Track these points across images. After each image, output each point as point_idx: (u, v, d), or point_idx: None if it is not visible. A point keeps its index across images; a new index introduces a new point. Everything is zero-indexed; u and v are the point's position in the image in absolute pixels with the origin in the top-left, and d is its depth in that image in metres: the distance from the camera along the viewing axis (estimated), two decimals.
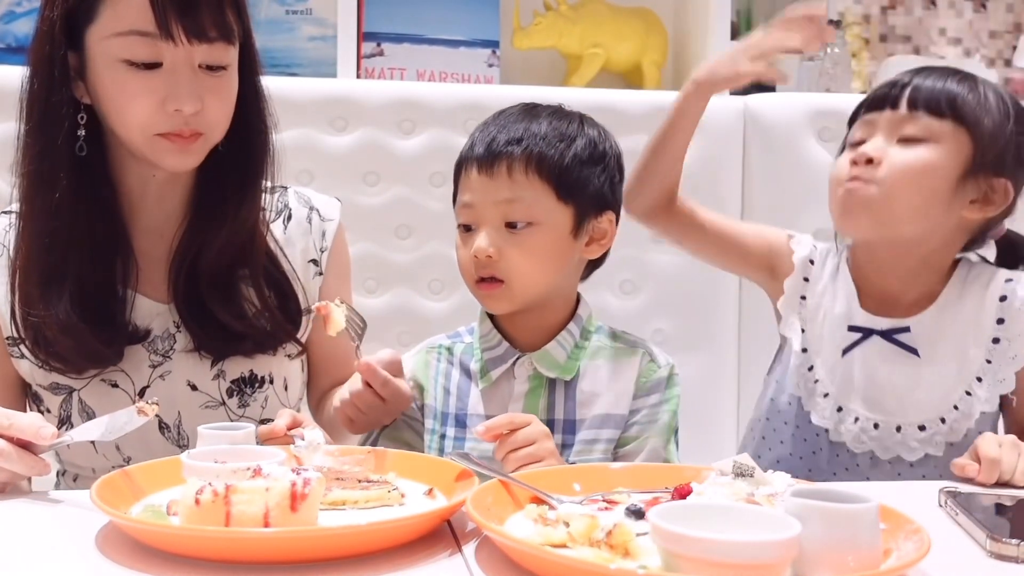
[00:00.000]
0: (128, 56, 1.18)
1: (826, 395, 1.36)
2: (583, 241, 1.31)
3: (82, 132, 1.22)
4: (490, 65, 2.18)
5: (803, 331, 1.41)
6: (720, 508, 0.85)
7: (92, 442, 1.28)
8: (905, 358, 1.33)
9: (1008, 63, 2.76)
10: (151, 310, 1.30)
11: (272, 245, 1.35)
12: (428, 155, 1.89)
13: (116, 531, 0.92)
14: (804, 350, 1.40)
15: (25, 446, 1.05)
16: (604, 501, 1.00)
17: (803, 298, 1.42)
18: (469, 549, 0.91)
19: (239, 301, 1.30)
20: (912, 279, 1.35)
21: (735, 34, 2.27)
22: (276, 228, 1.38)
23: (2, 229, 1.31)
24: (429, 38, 2.16)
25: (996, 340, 1.32)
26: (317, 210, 1.42)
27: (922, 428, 1.32)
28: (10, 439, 1.04)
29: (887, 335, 1.34)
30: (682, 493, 0.96)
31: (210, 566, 0.84)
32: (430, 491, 1.04)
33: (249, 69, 1.29)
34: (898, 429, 1.32)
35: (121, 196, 1.29)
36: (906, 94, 1.30)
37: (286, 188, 1.42)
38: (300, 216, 1.40)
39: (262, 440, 1.18)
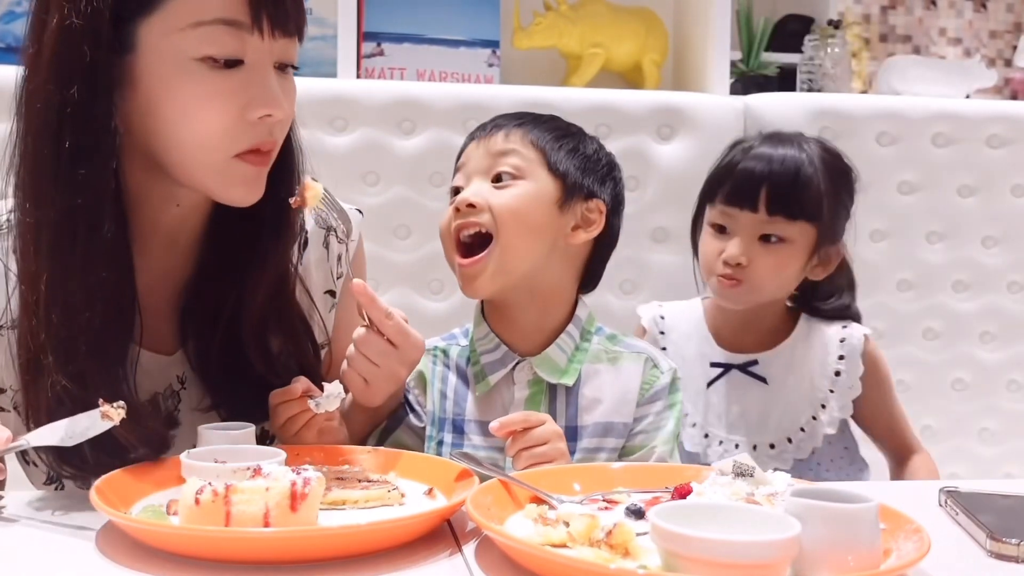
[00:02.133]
0: (211, 51, 0.99)
1: (694, 424, 1.59)
2: (569, 221, 1.29)
3: (116, 160, 1.01)
4: (490, 65, 2.18)
5: None
6: (720, 508, 0.85)
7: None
8: (759, 387, 1.58)
9: (1008, 63, 2.76)
10: (154, 364, 1.13)
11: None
12: (428, 155, 1.89)
13: (116, 531, 0.92)
14: None
15: None
16: (604, 501, 1.00)
17: (664, 349, 1.61)
18: (469, 549, 0.91)
19: (275, 358, 1.13)
20: (757, 324, 1.60)
21: (735, 34, 2.27)
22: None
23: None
24: (429, 38, 2.16)
25: (838, 373, 1.58)
26: (335, 231, 1.28)
27: (772, 447, 1.56)
28: None
29: (742, 368, 1.59)
30: (682, 493, 0.96)
31: (210, 566, 0.84)
32: (430, 491, 1.04)
33: None
34: (754, 448, 1.55)
35: (130, 235, 1.06)
36: (763, 197, 1.50)
37: None
38: (316, 240, 1.25)
39: (275, 403, 1.13)
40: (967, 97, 2.35)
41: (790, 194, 1.51)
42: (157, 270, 1.13)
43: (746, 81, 2.30)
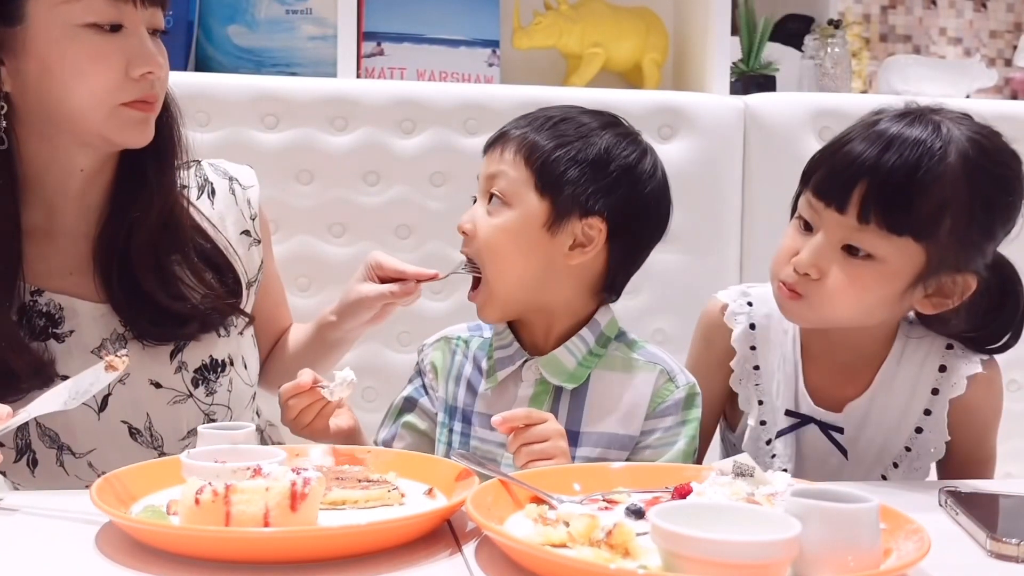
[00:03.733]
0: (93, 19, 1.16)
1: (785, 470, 1.29)
2: (564, 241, 1.24)
3: (3, 123, 1.19)
4: (490, 65, 2.18)
5: (760, 403, 1.34)
6: (720, 508, 0.85)
7: (62, 465, 1.25)
8: (834, 451, 1.30)
9: (1008, 63, 2.76)
10: (91, 313, 1.27)
11: (203, 222, 1.35)
12: (428, 155, 1.89)
13: (116, 531, 0.92)
14: (763, 423, 1.34)
15: None
16: (604, 501, 1.00)
17: (756, 368, 1.33)
18: (469, 549, 0.91)
19: (175, 283, 1.28)
20: (857, 349, 1.29)
21: (735, 34, 2.27)
22: (203, 205, 1.37)
23: None
24: (429, 38, 2.16)
25: (919, 430, 1.28)
26: (236, 179, 1.43)
27: None
28: None
29: (823, 426, 1.29)
30: (682, 493, 0.96)
31: (210, 566, 0.84)
32: (430, 491, 1.04)
33: None
34: None
35: (32, 200, 1.24)
36: (856, 197, 1.14)
37: (199, 162, 1.41)
38: (223, 189, 1.41)
39: (285, 398, 1.20)
40: (967, 97, 2.34)
41: (894, 200, 1.12)
42: (78, 229, 1.27)
43: (746, 81, 2.30)
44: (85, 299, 1.27)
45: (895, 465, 1.29)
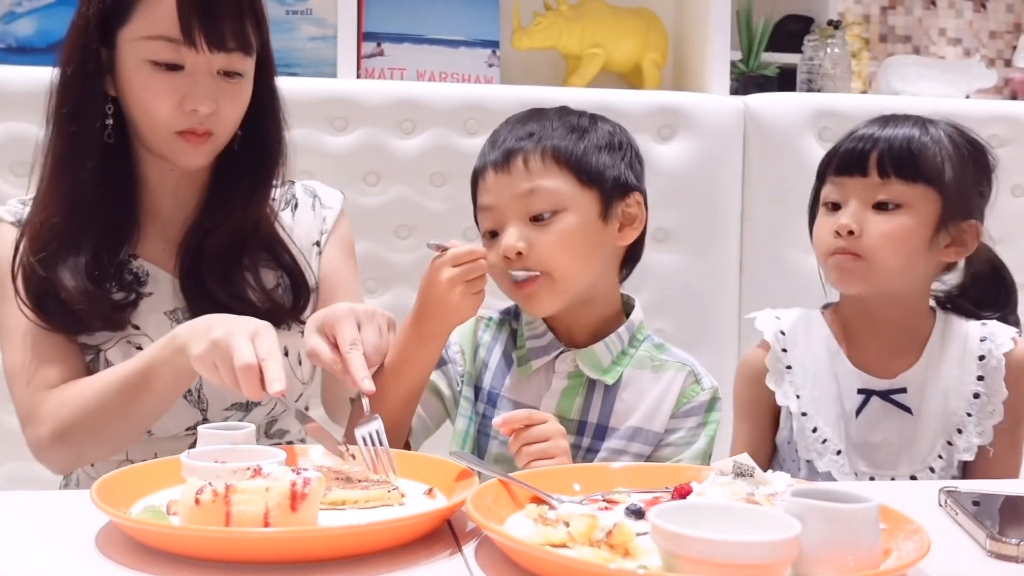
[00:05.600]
0: (154, 57, 1.29)
1: (839, 452, 1.41)
2: (614, 226, 1.29)
3: (110, 122, 1.34)
4: (490, 65, 2.18)
5: (798, 396, 1.44)
6: (720, 508, 0.85)
7: None
8: (900, 415, 1.41)
9: (1008, 63, 2.76)
10: (170, 284, 1.40)
11: (282, 234, 1.45)
12: (428, 155, 1.89)
13: (116, 531, 0.92)
14: (804, 413, 1.43)
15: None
16: (604, 501, 1.00)
17: (788, 368, 1.46)
18: (469, 549, 0.91)
19: (240, 283, 1.39)
20: (900, 327, 1.44)
21: (735, 34, 2.27)
22: (285, 216, 1.48)
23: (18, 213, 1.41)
24: (429, 38, 2.16)
25: (976, 395, 1.41)
26: (319, 198, 1.53)
27: (913, 478, 1.40)
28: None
29: (884, 395, 1.42)
30: (682, 493, 0.96)
31: (210, 566, 0.84)
32: (430, 491, 1.04)
33: (266, 74, 1.40)
34: (892, 479, 1.40)
35: (141, 186, 1.40)
36: (873, 159, 1.39)
37: (294, 182, 1.52)
38: (305, 204, 1.52)
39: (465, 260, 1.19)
40: (967, 97, 2.35)
41: (904, 155, 1.38)
42: (175, 216, 1.42)
43: (746, 81, 2.30)
44: (168, 272, 1.41)
45: (959, 431, 1.40)
